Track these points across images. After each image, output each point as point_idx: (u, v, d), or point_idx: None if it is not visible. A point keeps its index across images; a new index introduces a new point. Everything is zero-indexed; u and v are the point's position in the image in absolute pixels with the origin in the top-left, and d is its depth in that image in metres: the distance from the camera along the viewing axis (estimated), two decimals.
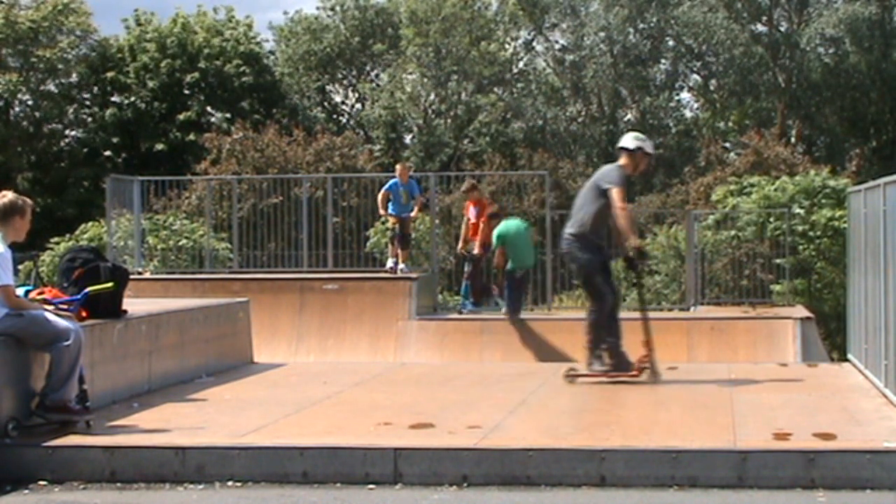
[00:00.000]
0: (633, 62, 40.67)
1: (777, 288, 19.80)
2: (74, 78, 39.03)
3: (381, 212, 17.09)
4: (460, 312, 16.61)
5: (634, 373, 10.37)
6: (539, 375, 11.17)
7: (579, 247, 10.49)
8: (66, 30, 37.93)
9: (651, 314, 10.90)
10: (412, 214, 16.97)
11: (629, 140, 10.75)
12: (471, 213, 17.05)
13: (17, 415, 7.87)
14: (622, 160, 10.62)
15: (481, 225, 16.84)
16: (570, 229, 10.57)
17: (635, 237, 10.69)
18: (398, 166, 17.40)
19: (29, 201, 8.21)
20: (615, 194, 10.30)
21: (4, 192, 8.16)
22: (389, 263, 16.86)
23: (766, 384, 10.42)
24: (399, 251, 16.68)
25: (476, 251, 16.79)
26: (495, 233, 16.16)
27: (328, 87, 44.29)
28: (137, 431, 8.16)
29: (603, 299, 10.56)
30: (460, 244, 17.32)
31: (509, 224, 16.31)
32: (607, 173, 10.55)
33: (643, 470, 7.20)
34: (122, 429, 8.24)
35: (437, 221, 17.83)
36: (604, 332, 10.50)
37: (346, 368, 12.55)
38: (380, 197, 16.83)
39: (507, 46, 41.97)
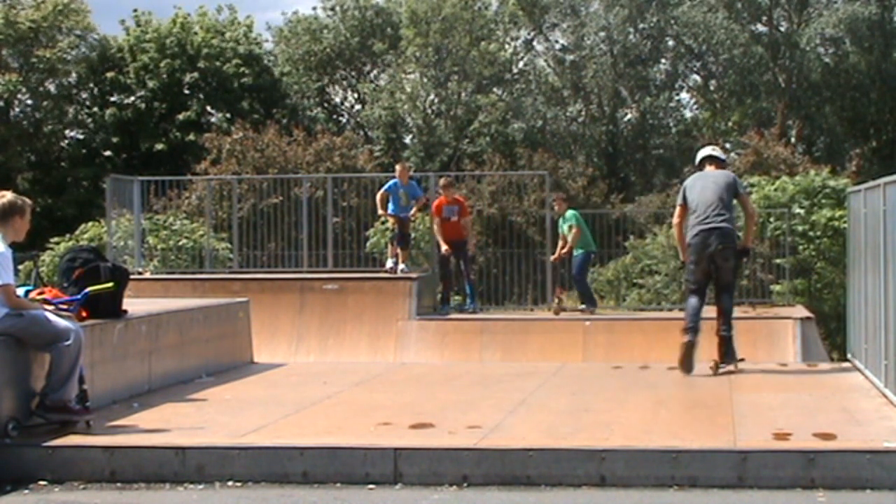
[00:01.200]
0: (633, 62, 40.66)
1: (777, 288, 19.79)
2: (74, 78, 39.02)
3: (381, 212, 17.07)
4: (473, 312, 16.59)
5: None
6: (539, 375, 11.17)
7: (735, 241, 11.22)
8: (66, 29, 37.92)
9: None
10: (410, 215, 16.91)
11: (717, 151, 11.85)
12: (447, 212, 16.73)
13: (17, 415, 7.87)
14: (714, 167, 11.46)
15: (462, 223, 16.88)
16: (729, 225, 11.01)
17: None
18: (398, 167, 17.34)
19: (28, 201, 8.21)
20: (750, 198, 12.17)
21: (3, 193, 8.15)
22: (389, 263, 16.82)
23: (766, 384, 10.42)
24: (399, 251, 16.64)
25: (471, 249, 17.09)
26: (576, 215, 16.82)
27: (328, 88, 44.30)
28: (137, 431, 8.16)
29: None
30: (445, 247, 16.67)
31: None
32: (735, 178, 11.43)
33: (643, 470, 7.20)
34: (122, 429, 8.24)
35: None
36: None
37: (346, 368, 12.55)
38: (378, 197, 16.80)
39: (507, 46, 41.96)
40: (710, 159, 11.49)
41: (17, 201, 8.05)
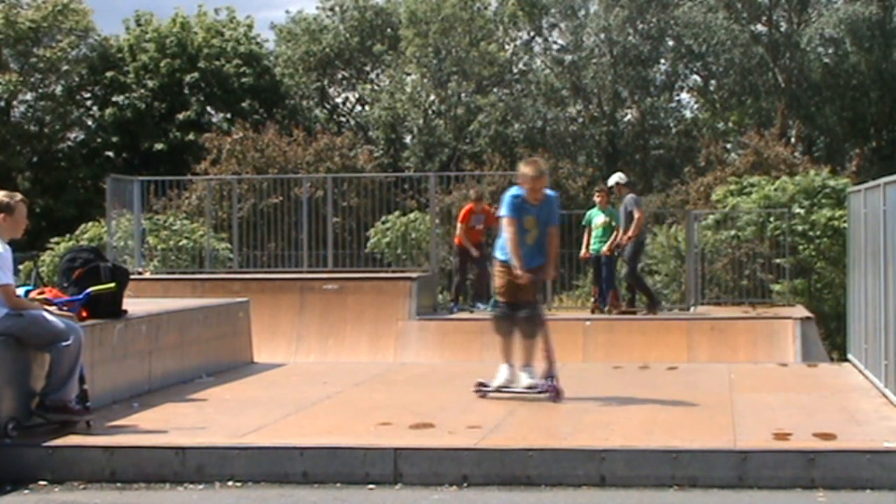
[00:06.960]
0: (633, 62, 40.60)
1: (777, 288, 19.79)
2: (75, 78, 39.00)
3: None
4: (481, 310, 16.62)
5: None
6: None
7: None
8: (66, 29, 37.90)
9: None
10: None
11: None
12: (475, 220, 16.87)
13: (17, 415, 7.87)
14: None
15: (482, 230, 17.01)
16: None
17: None
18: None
19: (19, 197, 8.09)
20: None
21: None
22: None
23: (766, 384, 10.42)
24: None
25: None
26: (615, 213, 16.61)
27: (328, 88, 44.26)
28: (137, 431, 8.16)
29: None
30: (475, 251, 16.82)
31: None
32: None
33: (643, 470, 7.20)
34: (122, 429, 8.24)
35: (437, 221, 17.78)
36: None
37: (346, 368, 12.55)
38: None
39: (506, 47, 41.93)
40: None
41: (4, 200, 7.95)
